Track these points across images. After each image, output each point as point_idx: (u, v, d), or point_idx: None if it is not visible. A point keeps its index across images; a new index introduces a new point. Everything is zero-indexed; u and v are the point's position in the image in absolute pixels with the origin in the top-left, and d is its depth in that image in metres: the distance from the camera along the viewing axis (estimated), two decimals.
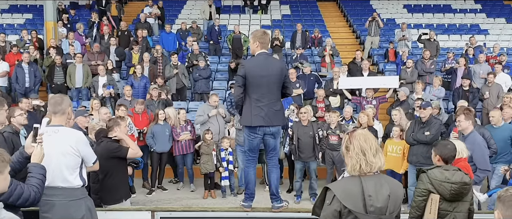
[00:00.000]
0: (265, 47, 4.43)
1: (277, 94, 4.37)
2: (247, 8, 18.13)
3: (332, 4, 20.74)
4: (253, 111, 4.35)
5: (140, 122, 8.16)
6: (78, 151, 3.45)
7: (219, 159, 7.60)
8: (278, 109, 4.36)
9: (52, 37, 12.12)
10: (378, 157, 2.48)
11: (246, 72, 4.37)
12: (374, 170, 2.46)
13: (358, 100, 9.47)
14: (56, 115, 3.48)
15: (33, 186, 2.95)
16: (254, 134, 4.43)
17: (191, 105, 10.88)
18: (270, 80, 4.32)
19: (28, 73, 10.36)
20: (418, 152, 6.49)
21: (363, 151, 2.46)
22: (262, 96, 4.33)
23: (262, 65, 4.35)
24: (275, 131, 4.45)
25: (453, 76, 11.32)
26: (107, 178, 4.53)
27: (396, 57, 13.04)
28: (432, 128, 6.37)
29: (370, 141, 2.50)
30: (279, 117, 4.38)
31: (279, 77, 4.33)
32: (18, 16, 17.89)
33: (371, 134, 2.58)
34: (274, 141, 4.47)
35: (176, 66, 10.85)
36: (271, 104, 4.33)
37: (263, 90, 4.33)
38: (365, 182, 2.43)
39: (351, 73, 10.90)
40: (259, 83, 4.33)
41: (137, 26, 13.99)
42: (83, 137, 3.54)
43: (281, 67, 4.40)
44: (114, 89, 9.76)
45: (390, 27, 16.78)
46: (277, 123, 4.39)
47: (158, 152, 7.99)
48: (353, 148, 2.50)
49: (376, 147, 2.51)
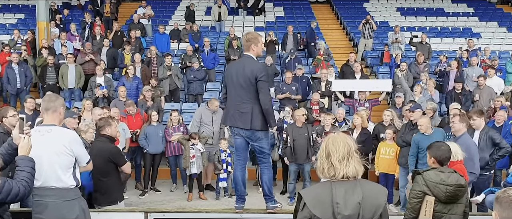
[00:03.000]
0: (246, 50, 4.49)
1: (245, 97, 4.31)
2: (241, 9, 18.15)
3: (326, 6, 20.82)
4: (225, 110, 4.60)
5: (134, 124, 8.10)
6: (71, 150, 3.41)
7: (219, 160, 7.56)
8: (244, 111, 4.30)
9: (44, 37, 11.99)
10: (345, 163, 2.31)
11: (225, 72, 4.67)
12: (339, 176, 2.31)
13: (351, 102, 9.50)
14: (48, 112, 3.43)
15: (22, 180, 2.90)
16: (232, 132, 4.56)
17: (185, 106, 10.84)
18: (237, 82, 4.35)
19: (18, 74, 10.25)
20: (407, 154, 6.50)
21: (328, 154, 2.34)
22: (231, 96, 4.47)
23: (235, 67, 4.47)
24: (249, 135, 4.40)
25: (446, 79, 11.40)
26: (103, 179, 4.49)
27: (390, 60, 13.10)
28: None
29: (338, 145, 2.34)
30: (244, 120, 4.30)
31: (248, 80, 4.28)
32: (10, 16, 17.70)
33: (346, 139, 2.40)
34: (257, 144, 4.43)
35: (170, 67, 10.81)
36: (237, 105, 4.35)
37: (232, 91, 4.44)
38: (335, 188, 2.30)
39: (344, 75, 10.93)
40: (230, 84, 4.47)
41: (130, 27, 13.92)
42: (76, 136, 3.51)
43: (252, 70, 4.29)
44: (109, 90, 9.68)
45: (383, 29, 16.86)
46: (242, 125, 4.34)
47: (151, 153, 7.95)
48: (321, 149, 2.42)
49: (345, 152, 2.34)
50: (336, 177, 2.31)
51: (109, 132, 4.65)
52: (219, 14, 15.90)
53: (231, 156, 7.55)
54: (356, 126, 7.28)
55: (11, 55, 10.43)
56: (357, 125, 7.27)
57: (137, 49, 12.10)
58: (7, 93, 10.56)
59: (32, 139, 3.35)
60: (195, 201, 7.75)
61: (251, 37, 4.47)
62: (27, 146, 3.06)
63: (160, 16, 17.82)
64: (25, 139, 3.09)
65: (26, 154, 3.05)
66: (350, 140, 2.42)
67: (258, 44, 4.45)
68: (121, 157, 4.62)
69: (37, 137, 3.36)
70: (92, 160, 3.74)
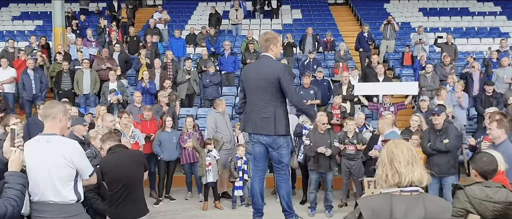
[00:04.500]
0: (264, 50, 4.19)
1: (266, 100, 4.00)
2: (258, 12, 17.87)
3: (345, 8, 20.36)
4: (245, 116, 4.24)
5: (148, 129, 7.86)
6: (72, 162, 3.10)
7: (236, 167, 7.23)
8: (266, 116, 3.99)
9: (60, 43, 11.92)
10: (410, 168, 2.14)
11: (242, 76, 4.34)
12: (405, 182, 2.14)
13: (375, 106, 9.01)
14: (47, 120, 3.14)
15: (10, 199, 2.58)
16: (252, 140, 4.25)
17: (200, 111, 10.56)
18: (258, 84, 4.04)
19: (33, 80, 10.13)
20: (439, 162, 6.05)
21: (391, 159, 2.19)
22: (250, 101, 4.15)
23: (253, 69, 4.19)
24: (270, 142, 4.06)
25: (469, 81, 10.81)
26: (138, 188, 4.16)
27: (413, 62, 12.56)
28: (450, 135, 5.94)
29: (402, 149, 2.20)
30: (267, 125, 3.99)
31: (269, 80, 3.97)
32: (28, 22, 17.85)
33: (407, 143, 2.27)
34: (276, 153, 4.08)
35: (189, 71, 10.57)
36: (258, 110, 4.04)
37: (251, 96, 4.13)
38: (395, 202, 2.12)
39: (366, 77, 10.46)
40: (249, 88, 4.15)
41: (146, 31, 13.78)
42: (78, 147, 3.19)
43: (271, 70, 3.99)
44: (123, 96, 9.49)
45: (405, 31, 16.31)
46: (265, 131, 4.02)
47: (165, 160, 7.67)
48: (381, 157, 2.25)
49: (409, 157, 2.18)
50: (401, 183, 2.15)
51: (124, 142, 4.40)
52: (236, 16, 15.67)
53: (247, 164, 7.20)
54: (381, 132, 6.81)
55: (28, 61, 10.32)
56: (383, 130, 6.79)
57: (153, 54, 11.93)
58: (23, 99, 10.45)
59: (30, 149, 3.08)
60: (211, 210, 7.43)
61: (270, 36, 4.15)
62: (18, 160, 2.77)
63: (177, 21, 17.70)
64: (16, 152, 2.81)
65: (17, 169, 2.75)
66: (412, 146, 2.31)
67: (278, 45, 4.14)
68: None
69: (35, 147, 3.08)
70: (127, 168, 3.48)
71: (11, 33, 16.47)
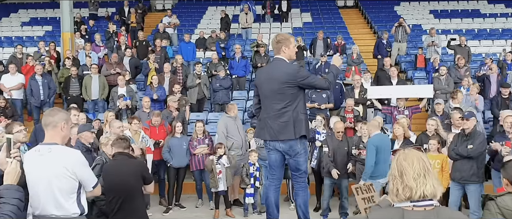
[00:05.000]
0: (277, 52, 4.04)
1: (282, 104, 3.85)
2: (267, 16, 17.74)
3: (355, 10, 20.16)
4: (260, 123, 4.06)
5: (157, 135, 7.71)
6: (74, 173, 2.93)
7: (248, 173, 7.04)
8: (284, 120, 3.83)
9: (69, 48, 11.87)
10: (422, 181, 2.01)
11: (255, 81, 4.18)
12: (416, 196, 2.00)
13: (389, 110, 8.77)
14: (48, 128, 2.98)
15: (4, 215, 2.39)
16: (267, 148, 4.08)
17: (210, 116, 10.41)
18: (272, 89, 3.88)
19: (41, 85, 10.05)
20: (462, 168, 5.81)
21: (401, 172, 2.05)
22: (266, 106, 3.98)
23: (266, 73, 4.03)
24: (286, 148, 3.90)
25: (487, 83, 10.55)
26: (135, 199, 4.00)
27: (426, 64, 12.31)
28: (475, 141, 5.70)
29: (412, 160, 2.05)
30: (286, 130, 3.84)
31: (284, 83, 3.81)
32: (38, 28, 17.90)
33: (419, 154, 2.11)
34: (293, 160, 3.91)
35: (199, 75, 10.44)
36: (275, 116, 3.87)
37: (267, 101, 3.96)
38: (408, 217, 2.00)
39: (379, 81, 10.24)
40: (263, 93, 3.99)
41: (155, 36, 13.71)
42: (80, 157, 3.02)
43: (287, 72, 3.85)
44: (132, 101, 9.38)
45: (416, 33, 16.07)
46: (283, 137, 3.86)
47: (175, 167, 7.50)
48: (391, 170, 2.13)
49: (420, 169, 2.04)
50: (413, 198, 2.02)
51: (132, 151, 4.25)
52: (246, 20, 15.55)
53: (260, 170, 7.02)
54: (397, 136, 6.60)
55: (36, 67, 10.26)
56: (398, 135, 6.58)
57: (163, 58, 11.83)
58: (31, 105, 10.38)
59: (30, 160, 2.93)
60: (222, 218, 7.24)
61: (281, 38, 4.01)
62: (14, 173, 2.59)
63: (186, 25, 17.64)
64: (12, 164, 2.63)
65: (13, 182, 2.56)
66: (424, 156, 2.13)
67: (290, 46, 3.97)
68: (150, 173, 4.18)
69: (35, 157, 2.92)
70: (123, 177, 3.32)
71: (20, 39, 16.52)
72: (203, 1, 21.04)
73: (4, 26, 18.39)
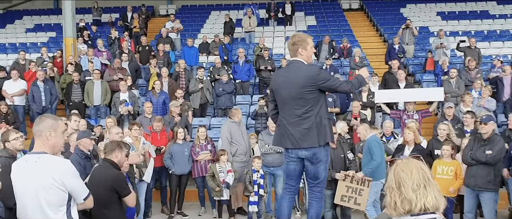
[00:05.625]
0: (293, 55, 3.82)
1: (304, 109, 3.62)
2: (271, 20, 17.55)
3: (360, 13, 19.93)
4: (280, 129, 3.80)
5: (159, 141, 7.49)
6: (63, 184, 2.70)
7: (251, 181, 6.80)
8: (307, 126, 3.60)
9: (71, 54, 11.74)
10: (422, 193, 1.88)
11: (271, 86, 3.92)
12: (416, 209, 1.88)
13: (398, 114, 8.49)
14: (36, 137, 2.80)
15: None
16: (288, 157, 3.81)
17: (213, 121, 10.21)
18: (291, 93, 3.65)
19: (43, 91, 9.92)
20: (477, 174, 5.53)
21: (399, 184, 1.92)
22: (286, 113, 3.73)
23: (284, 76, 3.76)
24: (309, 156, 3.66)
25: (500, 85, 10.24)
26: (105, 211, 3.77)
27: (434, 67, 12.02)
28: (495, 147, 5.40)
29: (410, 171, 1.93)
30: (310, 137, 3.60)
31: (303, 87, 3.59)
32: (42, 34, 17.85)
33: (418, 164, 1.96)
34: (314, 167, 3.68)
35: (202, 80, 10.25)
36: (296, 122, 3.64)
37: (286, 106, 3.72)
38: None
39: (387, 84, 9.97)
40: (281, 98, 3.74)
41: (158, 41, 13.57)
42: (70, 167, 2.80)
43: (306, 75, 3.61)
44: (134, 106, 9.19)
45: (423, 35, 15.79)
46: (307, 144, 3.62)
47: (177, 174, 7.28)
48: (388, 181, 2.00)
49: (420, 179, 1.91)
50: (412, 211, 1.88)
51: (118, 157, 4.00)
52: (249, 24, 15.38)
53: (264, 178, 6.77)
54: (408, 141, 6.33)
55: (37, 73, 10.12)
56: (409, 140, 6.30)
57: (165, 63, 11.67)
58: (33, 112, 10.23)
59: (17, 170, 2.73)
60: None
61: (297, 39, 3.76)
62: None
63: (189, 30, 17.50)
64: None
65: None
66: (424, 165, 1.98)
67: (307, 47, 3.73)
68: (126, 186, 3.92)
69: (22, 167, 2.72)
70: (93, 188, 3.08)
71: (24, 45, 16.46)
72: (207, 6, 20.92)
73: (9, 32, 18.38)
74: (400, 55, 12.06)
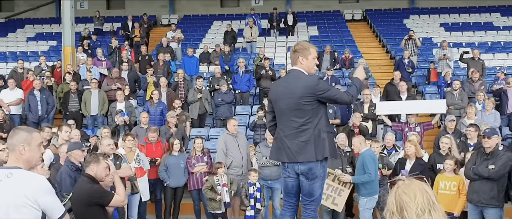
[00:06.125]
0: (293, 63, 3.67)
1: (301, 121, 3.45)
2: (273, 30, 17.47)
3: (363, 24, 19.84)
4: (277, 142, 3.64)
5: (154, 153, 7.32)
6: (35, 202, 2.51)
7: (247, 194, 6.60)
8: (304, 139, 3.42)
9: (70, 63, 11.64)
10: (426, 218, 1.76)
11: (269, 96, 3.76)
12: None
13: (400, 126, 8.29)
14: (10, 151, 2.63)
15: None
16: (285, 172, 3.65)
17: (212, 132, 10.04)
18: (289, 104, 3.49)
19: (40, 101, 9.78)
20: (480, 189, 5.31)
21: (401, 208, 1.79)
22: (283, 124, 3.57)
23: (283, 85, 3.62)
24: (305, 170, 3.48)
25: (503, 98, 10.04)
26: None
27: (438, 78, 11.83)
28: (498, 161, 5.19)
29: (414, 193, 1.79)
30: (306, 151, 3.42)
31: (302, 97, 3.43)
32: (43, 43, 17.84)
33: (422, 185, 1.83)
34: (309, 183, 3.49)
35: (200, 90, 10.11)
36: (293, 135, 3.47)
37: (283, 117, 3.56)
38: None
39: (388, 95, 9.80)
40: (279, 109, 3.58)
41: (159, 50, 13.49)
42: (44, 184, 2.61)
43: (305, 85, 3.46)
44: (130, 116, 9.05)
45: (427, 46, 15.65)
46: (303, 158, 3.45)
47: (172, 186, 7.10)
48: (388, 204, 1.87)
49: (424, 203, 1.77)
50: None
51: (93, 171, 3.83)
52: (251, 34, 15.29)
53: (260, 191, 6.58)
54: (409, 155, 6.13)
55: (34, 82, 10.01)
56: (410, 154, 6.11)
57: (165, 73, 11.56)
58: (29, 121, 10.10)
59: None
60: None
61: (299, 47, 3.62)
62: None
63: (191, 39, 17.44)
64: None
65: None
66: (428, 187, 1.84)
67: (309, 57, 3.57)
68: (104, 194, 3.75)
69: None
70: (75, 205, 2.91)
71: (24, 54, 16.44)
72: (209, 16, 20.92)
73: (10, 41, 18.38)
74: (408, 70, 11.60)
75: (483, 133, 5.40)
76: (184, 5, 21.74)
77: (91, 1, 21.36)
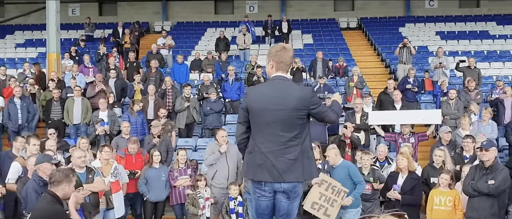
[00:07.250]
0: (282, 68, 3.23)
1: (290, 136, 3.09)
2: (268, 37, 17.20)
3: (358, 32, 19.61)
4: (257, 159, 3.16)
5: (134, 165, 6.93)
6: None
7: (228, 210, 6.24)
8: (293, 157, 3.08)
9: (54, 70, 11.28)
10: None
11: (248, 104, 3.24)
12: None
13: (393, 137, 7.94)
14: None
15: None
16: (260, 191, 3.21)
17: (200, 142, 9.66)
18: (278, 115, 3.09)
19: (20, 109, 9.39)
20: (480, 206, 4.98)
21: None
22: (266, 138, 3.13)
23: (271, 95, 3.16)
24: (289, 189, 3.14)
25: (500, 108, 9.73)
26: None
27: (433, 87, 11.53)
28: (498, 176, 4.86)
29: None
30: (294, 169, 3.08)
31: (295, 110, 3.08)
32: (31, 50, 17.52)
33: None
34: (288, 203, 3.15)
35: (188, 99, 9.76)
36: (281, 151, 3.08)
37: (268, 130, 3.12)
38: None
39: (382, 105, 9.47)
40: (263, 120, 3.14)
41: (149, 57, 13.16)
42: None
43: (300, 96, 3.12)
44: (113, 126, 8.67)
45: (422, 55, 15.39)
46: (290, 178, 3.09)
47: (152, 201, 6.71)
48: None
49: None
50: None
51: (64, 191, 3.48)
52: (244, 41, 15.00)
53: (242, 206, 6.21)
54: (401, 169, 5.78)
55: (14, 89, 9.63)
56: (402, 168, 5.75)
57: (158, 80, 11.20)
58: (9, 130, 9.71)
59: None
60: None
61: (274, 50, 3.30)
62: None
63: (183, 46, 17.14)
64: None
65: None
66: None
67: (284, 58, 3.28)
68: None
69: None
70: None
71: (12, 60, 16.08)
72: (203, 23, 20.65)
73: None
74: (414, 89, 10.74)
75: (481, 145, 5.06)
76: (178, 12, 21.49)
77: (83, 7, 21.08)
